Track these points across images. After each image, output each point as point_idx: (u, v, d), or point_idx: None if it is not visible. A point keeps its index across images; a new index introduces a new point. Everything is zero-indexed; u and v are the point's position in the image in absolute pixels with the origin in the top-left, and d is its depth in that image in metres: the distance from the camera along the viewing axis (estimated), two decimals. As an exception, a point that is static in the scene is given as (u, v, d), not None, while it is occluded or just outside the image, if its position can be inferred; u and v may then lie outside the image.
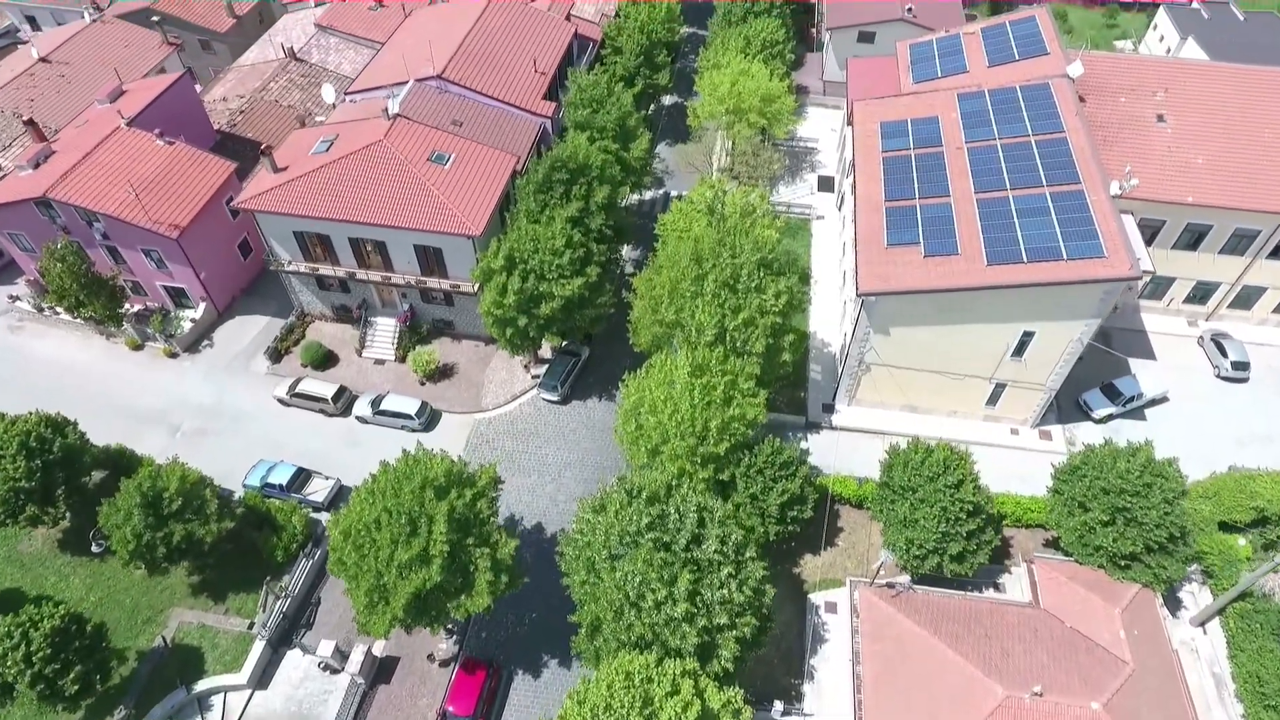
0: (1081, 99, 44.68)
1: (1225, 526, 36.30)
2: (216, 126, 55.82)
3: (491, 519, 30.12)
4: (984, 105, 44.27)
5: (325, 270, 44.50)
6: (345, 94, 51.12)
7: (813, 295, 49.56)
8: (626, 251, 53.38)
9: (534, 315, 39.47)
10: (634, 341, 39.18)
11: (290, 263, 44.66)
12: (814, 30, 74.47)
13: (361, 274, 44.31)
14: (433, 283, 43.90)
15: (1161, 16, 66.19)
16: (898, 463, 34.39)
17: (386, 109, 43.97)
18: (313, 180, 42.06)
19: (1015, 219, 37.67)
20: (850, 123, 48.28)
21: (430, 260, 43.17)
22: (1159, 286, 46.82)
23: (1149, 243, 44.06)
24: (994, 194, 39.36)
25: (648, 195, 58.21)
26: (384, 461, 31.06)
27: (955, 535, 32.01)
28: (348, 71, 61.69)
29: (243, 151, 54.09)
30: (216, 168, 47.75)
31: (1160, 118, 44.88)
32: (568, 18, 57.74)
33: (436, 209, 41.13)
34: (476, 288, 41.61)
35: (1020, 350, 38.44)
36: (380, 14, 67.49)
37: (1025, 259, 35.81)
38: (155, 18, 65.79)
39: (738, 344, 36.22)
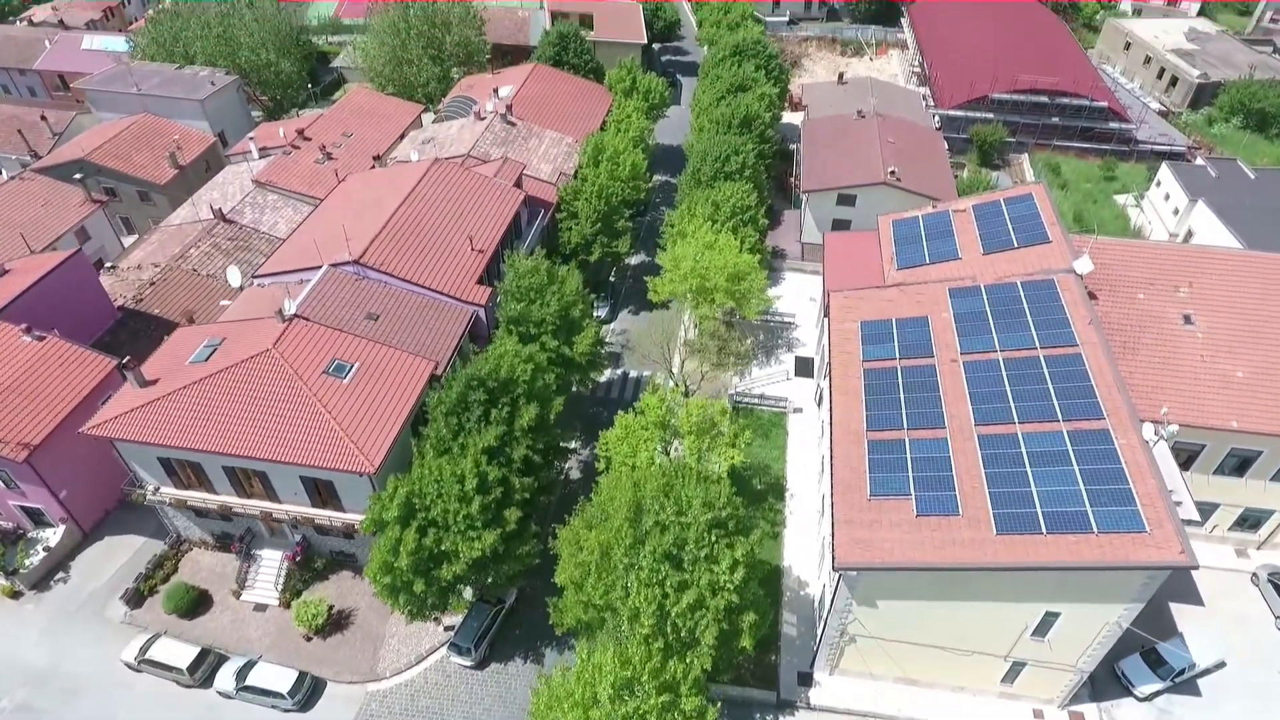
0: (1093, 295, 38.45)
1: None
2: (120, 303, 49.67)
3: None
4: (981, 305, 37.94)
5: (196, 500, 37.10)
6: (253, 277, 45.19)
7: (788, 513, 42.04)
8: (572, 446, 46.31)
9: (434, 578, 31.79)
10: (555, 620, 31.32)
11: (156, 490, 37.31)
12: (793, 180, 69.84)
13: (240, 505, 36.88)
14: (326, 517, 36.42)
15: (1165, 173, 61.36)
16: (891, 814, 25.93)
17: (282, 310, 37.60)
18: (182, 399, 35.21)
19: (1028, 467, 30.45)
20: (826, 314, 41.97)
21: (322, 492, 35.84)
22: (1200, 512, 39.20)
23: (1185, 466, 36.86)
24: (999, 428, 32.32)
25: (604, 377, 51.57)
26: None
27: None
28: (282, 232, 56.27)
29: (147, 332, 47.80)
30: (91, 367, 41.09)
31: (1187, 319, 38.46)
32: (518, 183, 52.59)
33: (327, 438, 34.06)
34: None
35: (1043, 630, 30.52)
36: (326, 167, 62.92)
37: (1044, 528, 28.34)
38: (78, 174, 61.17)
39: (682, 633, 28.44)
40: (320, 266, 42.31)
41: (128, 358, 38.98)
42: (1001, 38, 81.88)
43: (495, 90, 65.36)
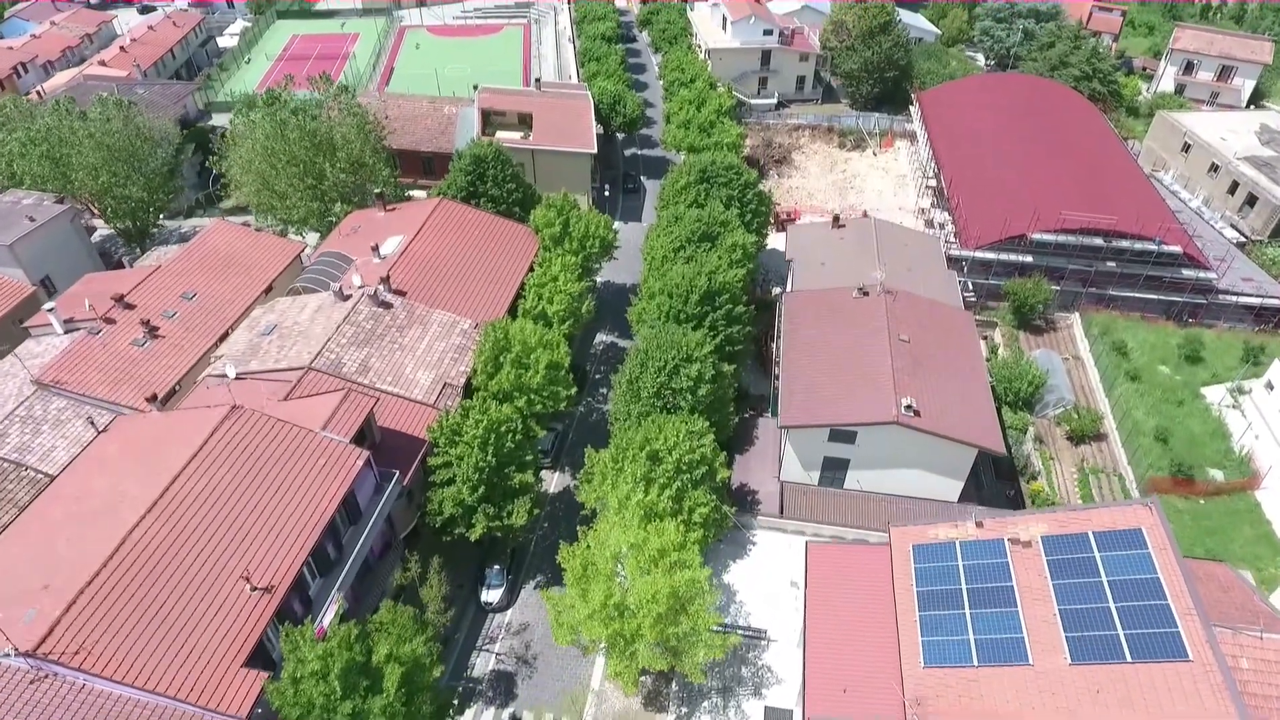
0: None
1: None
2: None
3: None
4: (1080, 815, 21.10)
5: None
6: (-110, 650, 28.39)
7: None
8: None
9: None
10: None
11: None
12: (773, 345, 53.04)
13: None
14: None
15: (1278, 371, 44.69)
16: None
17: None
18: None
19: None
20: (808, 749, 25.16)
21: None
22: None
23: None
24: None
25: (483, 726, 34.91)
26: None
27: None
28: (62, 462, 39.82)
29: None
30: None
31: None
32: (361, 433, 35.92)
33: None
34: None
35: None
36: (148, 351, 46.84)
37: None
38: None
39: None
40: (-22, 656, 25.65)
41: None
42: (1037, 150, 65.76)
43: (375, 247, 49.13)
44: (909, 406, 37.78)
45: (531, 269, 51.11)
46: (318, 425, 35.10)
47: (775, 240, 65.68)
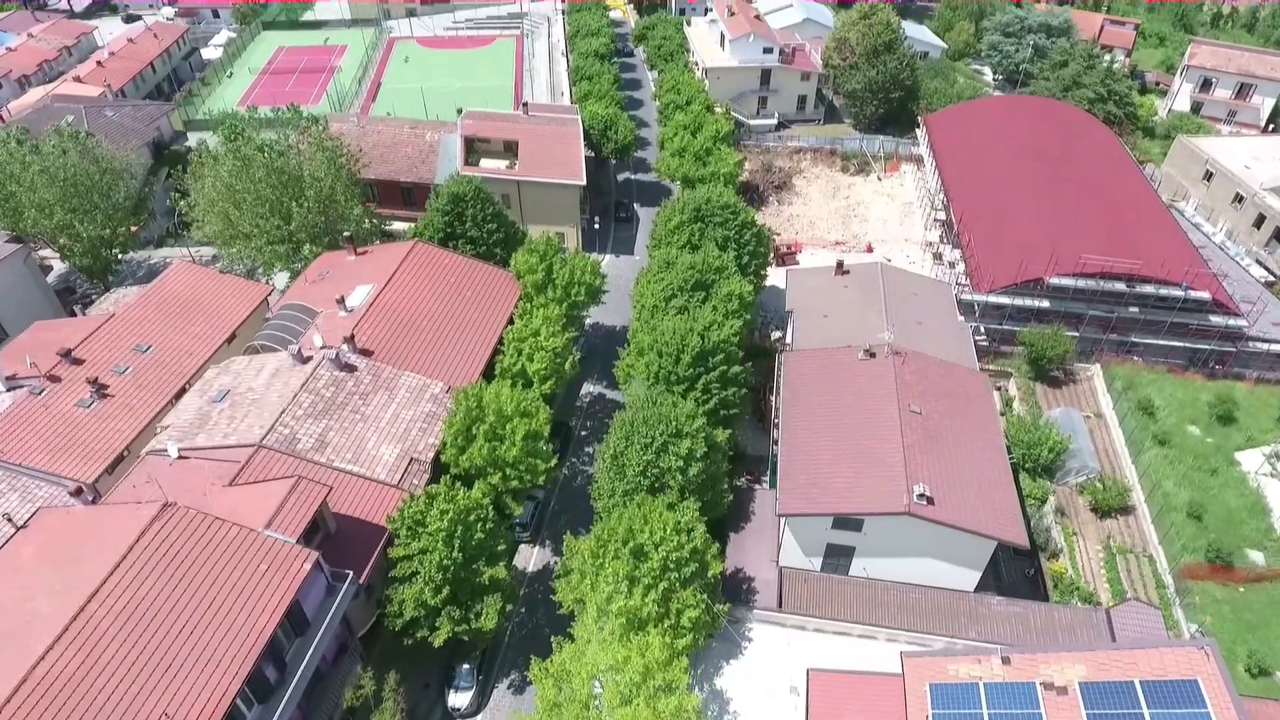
0: None
1: None
2: None
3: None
4: None
5: None
6: None
7: None
8: None
9: None
10: None
11: None
12: (772, 399, 49.36)
13: None
14: None
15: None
16: None
17: None
18: None
19: None
20: None
21: None
22: None
23: None
24: None
25: None
26: None
27: None
28: None
29: None
30: None
31: None
32: (312, 529, 32.23)
33: None
34: None
35: None
36: (95, 413, 43.34)
37: None
38: None
39: None
40: None
41: None
42: (1053, 182, 61.92)
43: (341, 299, 45.44)
44: (922, 495, 34.05)
45: (511, 320, 47.42)
46: (262, 520, 31.41)
47: (775, 276, 61.81)
